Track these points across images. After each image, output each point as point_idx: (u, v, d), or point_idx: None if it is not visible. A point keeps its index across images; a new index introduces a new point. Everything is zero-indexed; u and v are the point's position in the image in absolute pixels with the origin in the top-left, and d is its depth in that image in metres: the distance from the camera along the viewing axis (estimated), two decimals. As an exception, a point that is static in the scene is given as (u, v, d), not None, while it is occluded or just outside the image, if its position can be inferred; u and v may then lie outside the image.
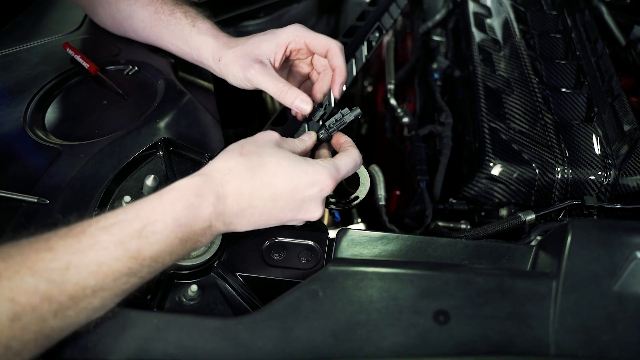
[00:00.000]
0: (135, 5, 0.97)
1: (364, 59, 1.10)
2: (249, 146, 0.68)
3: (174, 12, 0.93)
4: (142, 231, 0.56)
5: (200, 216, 0.60)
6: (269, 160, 0.66)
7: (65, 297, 0.52)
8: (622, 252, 0.61)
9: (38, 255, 0.52)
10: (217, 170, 0.64)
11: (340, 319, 0.59)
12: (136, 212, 0.58)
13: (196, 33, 0.89)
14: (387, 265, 0.63)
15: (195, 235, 0.61)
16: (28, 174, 0.78)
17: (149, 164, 0.82)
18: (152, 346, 0.57)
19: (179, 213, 0.59)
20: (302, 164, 0.67)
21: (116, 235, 0.55)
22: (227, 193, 0.63)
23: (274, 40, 0.83)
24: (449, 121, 1.20)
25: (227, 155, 0.66)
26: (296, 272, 0.72)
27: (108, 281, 0.54)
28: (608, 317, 0.58)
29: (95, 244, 0.54)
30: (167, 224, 0.58)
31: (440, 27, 1.51)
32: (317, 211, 0.69)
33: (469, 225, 1.02)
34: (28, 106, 0.90)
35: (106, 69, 1.01)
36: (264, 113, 1.56)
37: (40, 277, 0.51)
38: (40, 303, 0.50)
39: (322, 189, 0.67)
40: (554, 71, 1.19)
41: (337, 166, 0.70)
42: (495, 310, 0.59)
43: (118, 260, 0.54)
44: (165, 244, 0.58)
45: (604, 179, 0.95)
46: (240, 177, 0.64)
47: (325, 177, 0.67)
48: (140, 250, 0.56)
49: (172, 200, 0.59)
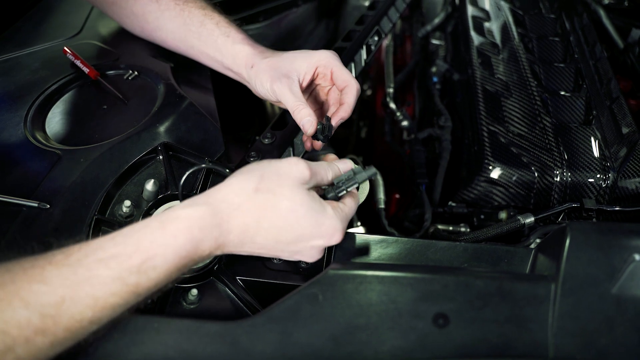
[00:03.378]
0: (162, 18, 0.98)
1: (363, 62, 1.11)
2: (268, 182, 0.63)
3: (204, 24, 0.94)
4: (141, 266, 0.55)
5: (202, 247, 0.59)
6: (285, 204, 0.62)
7: (61, 329, 0.51)
8: (620, 254, 0.61)
9: (31, 287, 0.50)
10: (227, 203, 0.61)
11: (340, 323, 0.59)
12: (136, 245, 0.56)
13: (231, 43, 0.91)
14: (387, 269, 0.63)
15: (193, 263, 0.60)
16: (28, 178, 0.79)
17: (149, 169, 0.83)
18: (153, 350, 0.57)
19: (180, 247, 0.57)
20: (318, 214, 0.64)
21: (114, 269, 0.54)
22: (231, 228, 0.61)
23: (307, 60, 0.85)
24: (448, 124, 1.20)
25: (240, 186, 0.62)
26: (296, 276, 0.72)
27: (106, 312, 0.53)
28: (607, 320, 0.59)
29: (91, 278, 0.52)
30: (167, 259, 0.56)
31: (439, 31, 1.52)
32: (317, 255, 0.68)
33: (469, 229, 1.02)
34: (28, 111, 0.90)
35: (106, 74, 1.01)
36: (263, 117, 1.57)
37: (33, 311, 0.49)
38: (34, 336, 0.49)
39: (329, 241, 0.65)
40: (552, 74, 1.19)
41: (347, 213, 0.68)
42: (494, 314, 0.59)
43: (115, 295, 0.53)
44: (164, 276, 0.57)
45: (603, 182, 0.95)
46: (248, 215, 0.61)
47: (337, 230, 0.65)
48: (139, 284, 0.55)
49: (174, 233, 0.57)
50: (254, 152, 0.87)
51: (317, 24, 1.68)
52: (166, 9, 0.97)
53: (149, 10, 0.98)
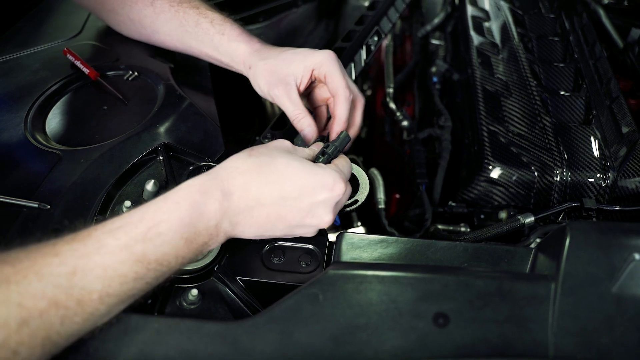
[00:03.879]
0: (158, 21, 0.98)
1: (363, 63, 1.11)
2: (259, 149, 0.68)
3: (199, 23, 0.94)
4: (147, 233, 0.56)
5: (206, 213, 0.60)
6: (279, 160, 0.66)
7: (73, 302, 0.52)
8: (620, 254, 0.61)
9: (45, 260, 0.52)
10: (224, 168, 0.65)
11: (340, 323, 0.59)
12: (141, 214, 0.58)
13: (227, 41, 0.91)
14: (387, 269, 0.63)
15: (200, 236, 0.60)
16: (29, 179, 0.79)
17: (149, 169, 0.83)
18: (153, 350, 0.57)
19: (183, 212, 0.59)
20: (313, 167, 0.67)
21: (121, 238, 0.55)
22: (233, 189, 0.63)
23: (303, 62, 0.84)
24: (448, 124, 1.20)
25: (235, 156, 0.67)
26: (296, 276, 0.73)
27: (114, 286, 0.54)
28: (607, 320, 0.59)
29: (101, 248, 0.54)
30: (171, 225, 0.58)
31: (439, 31, 1.52)
32: (327, 215, 0.68)
33: (469, 228, 1.02)
34: (29, 112, 0.91)
35: (106, 75, 1.01)
36: (263, 117, 1.57)
37: (47, 282, 0.51)
38: (48, 308, 0.50)
39: (333, 191, 0.67)
40: (552, 74, 1.19)
41: (342, 170, 0.71)
42: (494, 313, 0.59)
43: (124, 264, 0.54)
44: (170, 245, 0.57)
45: (603, 181, 0.95)
46: (247, 174, 0.64)
47: (336, 180, 0.67)
48: (146, 254, 0.56)
49: (176, 200, 0.59)
50: (254, 153, 0.87)
51: (317, 24, 1.68)
52: (161, 11, 0.97)
53: (144, 15, 0.98)
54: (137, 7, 0.98)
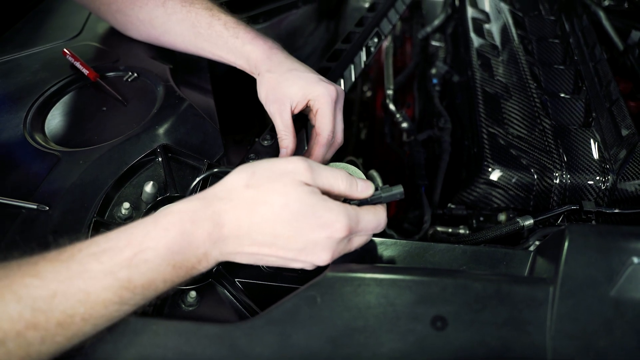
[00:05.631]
0: (170, 22, 0.97)
1: (363, 64, 1.11)
2: (258, 178, 0.60)
3: (212, 25, 0.94)
4: (132, 259, 0.54)
5: (194, 242, 0.58)
6: (276, 200, 0.59)
7: (53, 324, 0.50)
8: (619, 257, 0.61)
9: (24, 281, 0.50)
10: (218, 198, 0.60)
11: (338, 325, 0.59)
12: (128, 239, 0.55)
13: (241, 44, 0.91)
14: (385, 271, 0.63)
15: (189, 262, 0.58)
16: (28, 180, 0.79)
17: (148, 171, 0.83)
18: (151, 352, 0.57)
19: (171, 240, 0.56)
20: (316, 208, 0.59)
21: (106, 263, 0.53)
22: (223, 221, 0.59)
23: (302, 90, 0.84)
24: (447, 126, 1.20)
25: (231, 183, 0.61)
26: (294, 278, 0.72)
27: (98, 309, 0.53)
28: (605, 323, 0.58)
29: (83, 272, 0.52)
30: (158, 252, 0.55)
31: (439, 33, 1.52)
32: (324, 255, 0.61)
33: (468, 231, 1.02)
34: (28, 112, 0.90)
35: (106, 76, 1.01)
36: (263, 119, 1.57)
37: (25, 304, 0.49)
38: (25, 330, 0.49)
39: (332, 234, 0.60)
40: (552, 76, 1.19)
41: (358, 217, 0.62)
42: (492, 316, 0.59)
43: (107, 290, 0.53)
44: (157, 272, 0.56)
45: (602, 184, 0.95)
46: (239, 209, 0.59)
47: (340, 222, 0.60)
48: (131, 280, 0.54)
49: (166, 226, 0.57)
50: (253, 154, 0.87)
51: (317, 26, 1.68)
52: (173, 12, 0.96)
53: (155, 16, 0.98)
54: (148, 7, 0.98)
